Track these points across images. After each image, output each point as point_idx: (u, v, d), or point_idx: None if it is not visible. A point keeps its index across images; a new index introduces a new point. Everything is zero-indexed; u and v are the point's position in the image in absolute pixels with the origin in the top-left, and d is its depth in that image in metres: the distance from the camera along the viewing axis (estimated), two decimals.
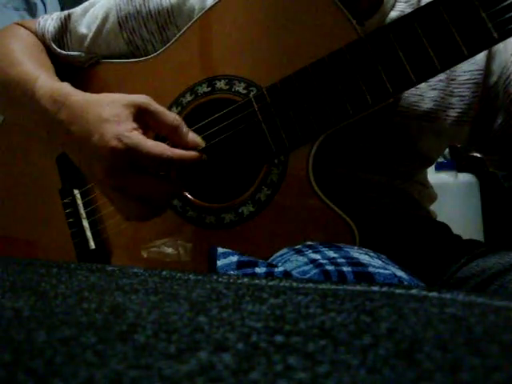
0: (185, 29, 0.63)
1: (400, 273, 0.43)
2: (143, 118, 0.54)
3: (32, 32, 0.73)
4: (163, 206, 0.56)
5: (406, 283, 0.41)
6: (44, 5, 1.65)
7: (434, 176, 0.77)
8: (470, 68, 0.62)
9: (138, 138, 0.52)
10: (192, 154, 0.54)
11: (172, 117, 0.55)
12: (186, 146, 0.55)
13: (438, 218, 0.75)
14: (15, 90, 0.64)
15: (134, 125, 0.53)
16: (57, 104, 0.58)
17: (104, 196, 0.58)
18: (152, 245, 0.64)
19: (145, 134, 0.54)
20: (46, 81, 0.62)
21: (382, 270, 0.41)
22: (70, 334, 0.21)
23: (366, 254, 0.46)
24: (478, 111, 0.64)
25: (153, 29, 0.66)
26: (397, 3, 0.63)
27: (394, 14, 0.62)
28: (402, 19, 0.50)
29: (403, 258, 0.50)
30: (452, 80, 0.62)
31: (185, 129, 0.56)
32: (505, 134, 0.64)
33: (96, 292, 0.28)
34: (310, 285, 0.28)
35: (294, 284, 0.28)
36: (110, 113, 0.53)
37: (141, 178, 0.53)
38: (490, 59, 0.62)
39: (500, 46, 0.62)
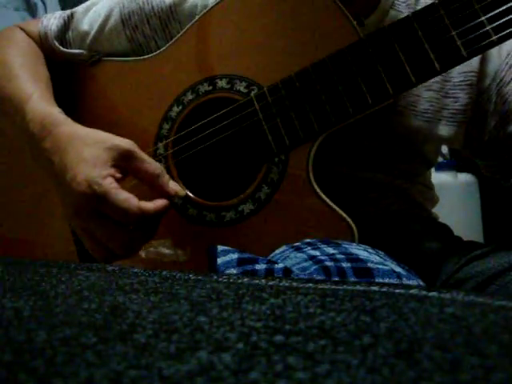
0: (186, 28, 0.63)
1: (398, 269, 0.43)
2: (124, 163, 0.53)
3: (33, 35, 0.73)
4: (128, 252, 0.55)
5: (404, 279, 0.41)
6: (44, 5, 1.65)
7: (433, 176, 0.77)
8: (463, 69, 0.62)
9: (108, 186, 0.50)
10: (157, 205, 0.53)
11: (155, 165, 0.54)
12: (166, 194, 0.55)
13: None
14: (9, 106, 0.64)
15: (111, 171, 0.52)
16: (44, 131, 0.57)
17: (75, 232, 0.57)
18: (152, 242, 0.64)
19: (122, 179, 0.53)
20: (37, 103, 0.61)
21: (380, 266, 0.42)
22: (70, 333, 0.21)
23: (365, 250, 0.46)
24: (472, 114, 0.64)
25: (155, 25, 0.67)
26: (395, 1, 0.63)
27: (392, 13, 0.62)
28: (403, 21, 0.51)
29: (404, 258, 0.51)
30: (447, 81, 0.63)
31: (166, 177, 0.55)
32: (498, 137, 0.64)
33: (96, 292, 0.28)
34: (310, 285, 0.28)
35: (294, 284, 0.28)
36: (90, 154, 0.52)
37: (104, 225, 0.52)
38: (483, 62, 0.63)
39: (493, 49, 0.62)
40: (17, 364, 0.17)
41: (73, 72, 0.70)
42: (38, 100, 0.61)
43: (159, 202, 0.53)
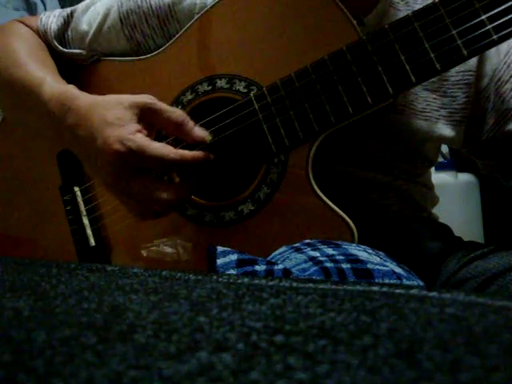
0: (186, 27, 0.63)
1: (398, 269, 0.43)
2: (148, 117, 0.54)
3: (33, 29, 0.73)
4: (170, 208, 0.56)
5: (404, 280, 0.41)
6: (44, 5, 1.64)
7: (434, 176, 0.77)
8: (461, 68, 0.62)
9: (141, 140, 0.52)
10: (196, 153, 0.54)
11: (177, 113, 0.55)
12: (192, 141, 0.55)
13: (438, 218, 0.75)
14: (20, 93, 0.64)
15: (138, 126, 0.53)
16: (64, 108, 0.58)
17: (114, 197, 0.58)
18: (152, 242, 0.64)
19: (149, 133, 0.54)
20: (52, 83, 0.62)
21: (380, 267, 0.42)
22: (70, 333, 0.21)
23: (364, 250, 0.46)
24: (470, 113, 0.64)
25: (154, 24, 0.66)
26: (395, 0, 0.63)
27: (392, 12, 0.62)
28: (403, 20, 0.51)
29: (404, 258, 0.50)
30: (445, 81, 0.63)
31: (190, 124, 0.55)
32: (495, 136, 0.64)
33: (96, 292, 0.28)
34: (310, 285, 0.28)
35: (294, 284, 0.28)
36: (114, 116, 0.53)
37: (146, 183, 0.53)
38: (481, 62, 0.63)
39: (492, 49, 0.62)
40: (17, 364, 0.17)
41: (72, 71, 0.70)
42: (52, 82, 0.62)
43: (198, 152, 0.54)
